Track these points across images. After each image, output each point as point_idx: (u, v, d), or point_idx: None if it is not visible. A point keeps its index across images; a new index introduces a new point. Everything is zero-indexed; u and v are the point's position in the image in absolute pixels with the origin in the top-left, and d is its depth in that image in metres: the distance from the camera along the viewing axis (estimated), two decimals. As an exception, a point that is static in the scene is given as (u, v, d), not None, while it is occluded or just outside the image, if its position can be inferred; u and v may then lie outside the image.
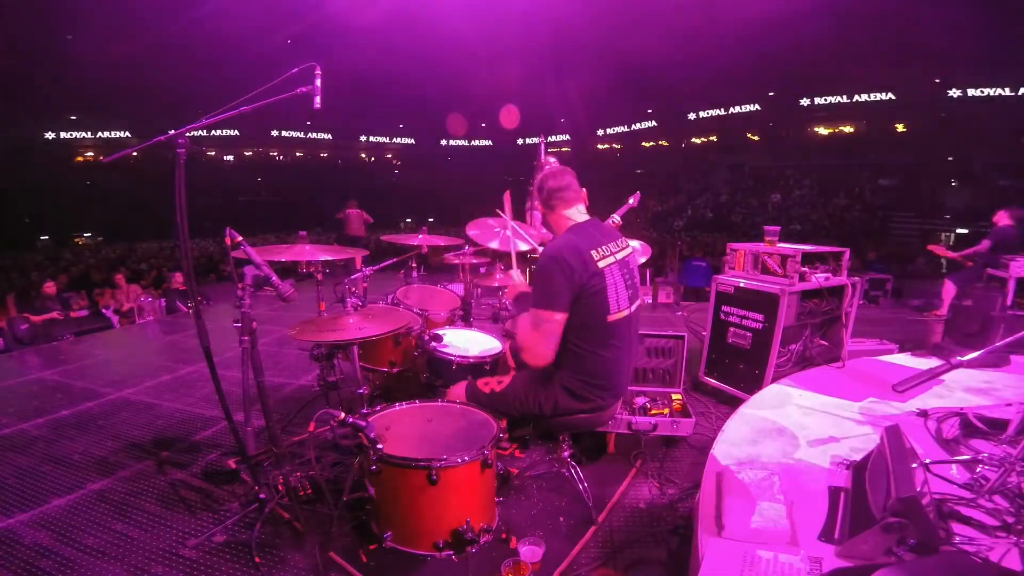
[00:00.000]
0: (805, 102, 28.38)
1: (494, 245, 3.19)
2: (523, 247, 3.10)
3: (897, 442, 1.71)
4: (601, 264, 1.95)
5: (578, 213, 2.12)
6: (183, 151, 1.95)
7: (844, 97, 27.20)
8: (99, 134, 31.05)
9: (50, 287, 6.94)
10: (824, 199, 24.72)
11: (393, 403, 2.19)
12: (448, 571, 1.94)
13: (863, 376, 3.19)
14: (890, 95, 25.61)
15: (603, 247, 2.00)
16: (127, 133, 30.78)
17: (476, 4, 23.10)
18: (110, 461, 2.79)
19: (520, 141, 37.52)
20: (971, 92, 23.07)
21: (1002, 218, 5.77)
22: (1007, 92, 21.95)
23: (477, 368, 2.57)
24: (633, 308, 2.08)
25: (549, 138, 4.87)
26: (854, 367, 3.35)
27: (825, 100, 27.82)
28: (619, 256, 2.06)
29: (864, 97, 26.62)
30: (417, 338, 2.71)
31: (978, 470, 1.88)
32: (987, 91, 22.65)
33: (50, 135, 30.09)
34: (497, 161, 36.92)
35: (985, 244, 5.68)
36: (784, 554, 1.53)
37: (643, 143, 37.09)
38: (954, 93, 23.60)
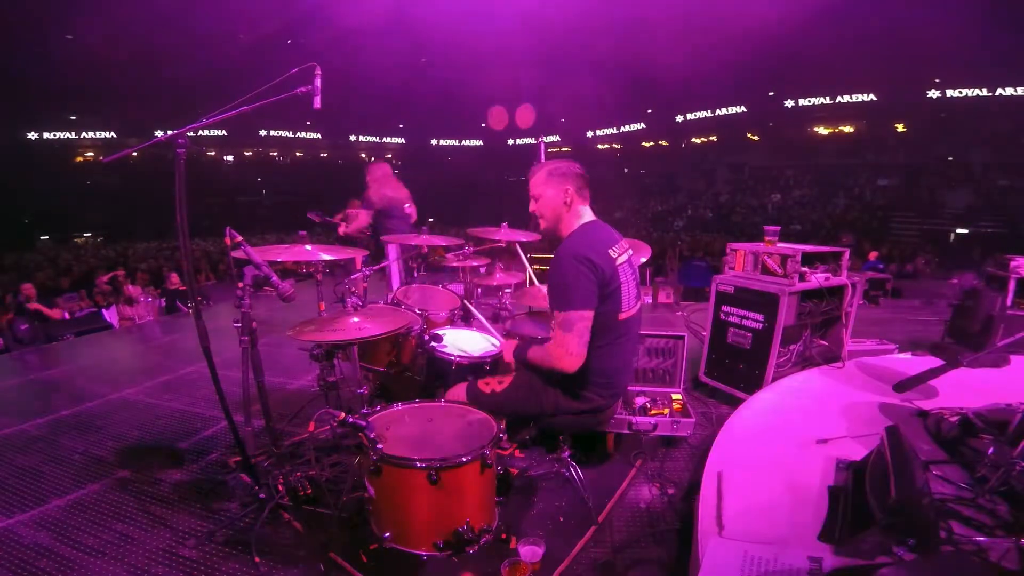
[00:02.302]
0: (805, 102, 28.37)
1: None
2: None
3: (897, 442, 1.71)
4: (618, 262, 1.98)
5: (588, 212, 2.13)
6: (183, 151, 1.94)
7: (829, 98, 27.24)
8: (83, 134, 30.45)
9: (28, 288, 6.97)
10: (824, 199, 24.71)
11: (393, 403, 2.19)
12: (448, 571, 1.94)
13: (863, 376, 3.19)
14: (889, 96, 25.61)
15: (617, 246, 2.03)
16: (113, 133, 30.36)
17: (471, 4, 23.08)
18: (110, 461, 2.79)
19: (511, 141, 37.40)
20: (971, 93, 23.08)
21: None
22: (1007, 92, 21.95)
23: (477, 368, 2.56)
24: (637, 307, 2.11)
25: (543, 139, 4.86)
26: (854, 367, 3.36)
27: (825, 100, 27.81)
28: (627, 255, 2.09)
29: (863, 97, 26.62)
30: (417, 338, 2.70)
31: (978, 470, 1.88)
32: (986, 92, 22.66)
33: (33, 135, 29.32)
34: (490, 161, 36.97)
35: None
36: (784, 554, 1.53)
37: (643, 143, 37.01)
38: (953, 93, 23.61)
